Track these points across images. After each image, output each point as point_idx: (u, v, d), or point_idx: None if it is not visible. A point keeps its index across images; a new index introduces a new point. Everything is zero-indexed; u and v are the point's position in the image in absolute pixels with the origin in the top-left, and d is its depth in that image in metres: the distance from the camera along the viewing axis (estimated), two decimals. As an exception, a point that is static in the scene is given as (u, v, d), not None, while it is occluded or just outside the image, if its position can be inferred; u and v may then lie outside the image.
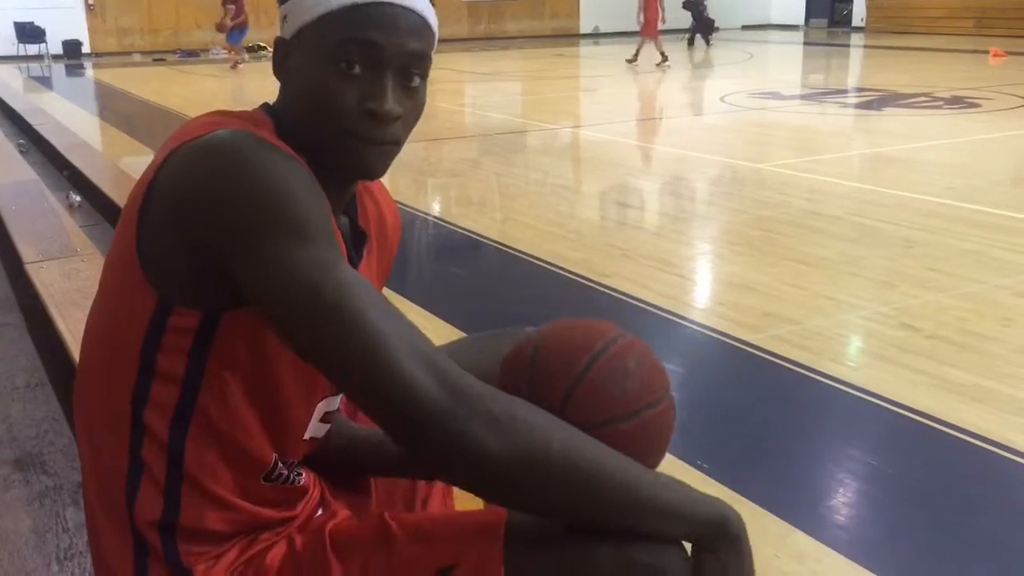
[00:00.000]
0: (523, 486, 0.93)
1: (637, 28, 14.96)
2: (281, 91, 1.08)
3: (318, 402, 1.13)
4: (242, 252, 0.94)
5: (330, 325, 0.92)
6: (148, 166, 1.03)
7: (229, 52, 16.82)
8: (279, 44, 1.08)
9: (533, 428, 0.93)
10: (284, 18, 1.06)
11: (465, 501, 1.57)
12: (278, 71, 1.08)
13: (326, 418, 1.17)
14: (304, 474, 1.17)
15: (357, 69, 1.01)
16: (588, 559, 0.97)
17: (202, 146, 0.97)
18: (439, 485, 1.37)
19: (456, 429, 0.91)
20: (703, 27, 18.49)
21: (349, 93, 1.01)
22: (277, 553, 1.09)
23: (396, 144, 1.06)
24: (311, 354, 0.95)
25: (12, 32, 18.30)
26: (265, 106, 1.10)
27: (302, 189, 0.96)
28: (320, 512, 1.21)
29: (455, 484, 1.00)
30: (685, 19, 18.61)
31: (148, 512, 1.04)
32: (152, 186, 0.99)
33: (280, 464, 1.11)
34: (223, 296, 0.98)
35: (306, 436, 1.14)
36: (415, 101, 1.06)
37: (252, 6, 17.02)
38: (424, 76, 1.06)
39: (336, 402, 1.18)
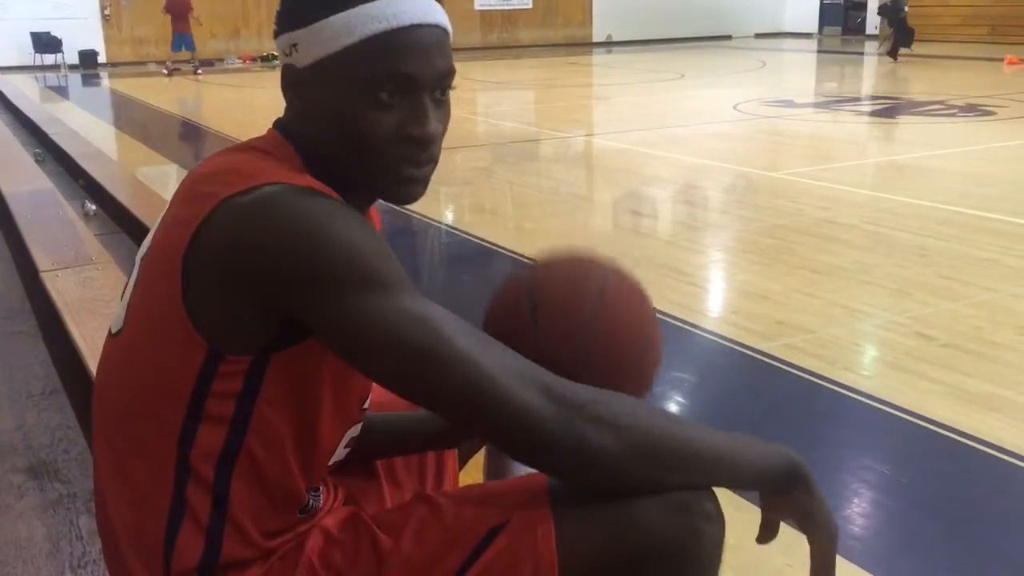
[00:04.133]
0: (639, 472, 1.00)
1: (649, 37, 14.91)
2: (296, 116, 1.06)
3: (347, 430, 1.14)
4: (325, 313, 0.95)
5: (432, 370, 0.95)
6: (184, 211, 1.00)
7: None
8: (288, 71, 1.04)
9: (635, 419, 0.99)
10: (294, 46, 1.02)
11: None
12: (290, 97, 1.06)
13: (349, 443, 1.17)
14: (322, 493, 1.17)
15: (393, 98, 1.01)
16: (631, 509, 1.01)
17: (259, 205, 0.95)
18: (448, 471, 1.37)
19: (575, 438, 0.96)
20: (902, 35, 16.09)
21: (387, 122, 1.01)
22: (314, 544, 1.09)
23: (436, 161, 1.07)
24: (420, 399, 0.98)
25: (29, 42, 18.45)
26: (283, 130, 1.07)
27: (367, 238, 0.96)
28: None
29: (587, 487, 1.02)
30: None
31: (188, 553, 1.03)
32: (199, 239, 0.97)
33: (310, 496, 1.12)
34: (275, 340, 0.99)
35: (330, 462, 1.15)
36: (444, 111, 1.07)
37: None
38: (451, 87, 1.07)
39: (359, 429, 1.19)
